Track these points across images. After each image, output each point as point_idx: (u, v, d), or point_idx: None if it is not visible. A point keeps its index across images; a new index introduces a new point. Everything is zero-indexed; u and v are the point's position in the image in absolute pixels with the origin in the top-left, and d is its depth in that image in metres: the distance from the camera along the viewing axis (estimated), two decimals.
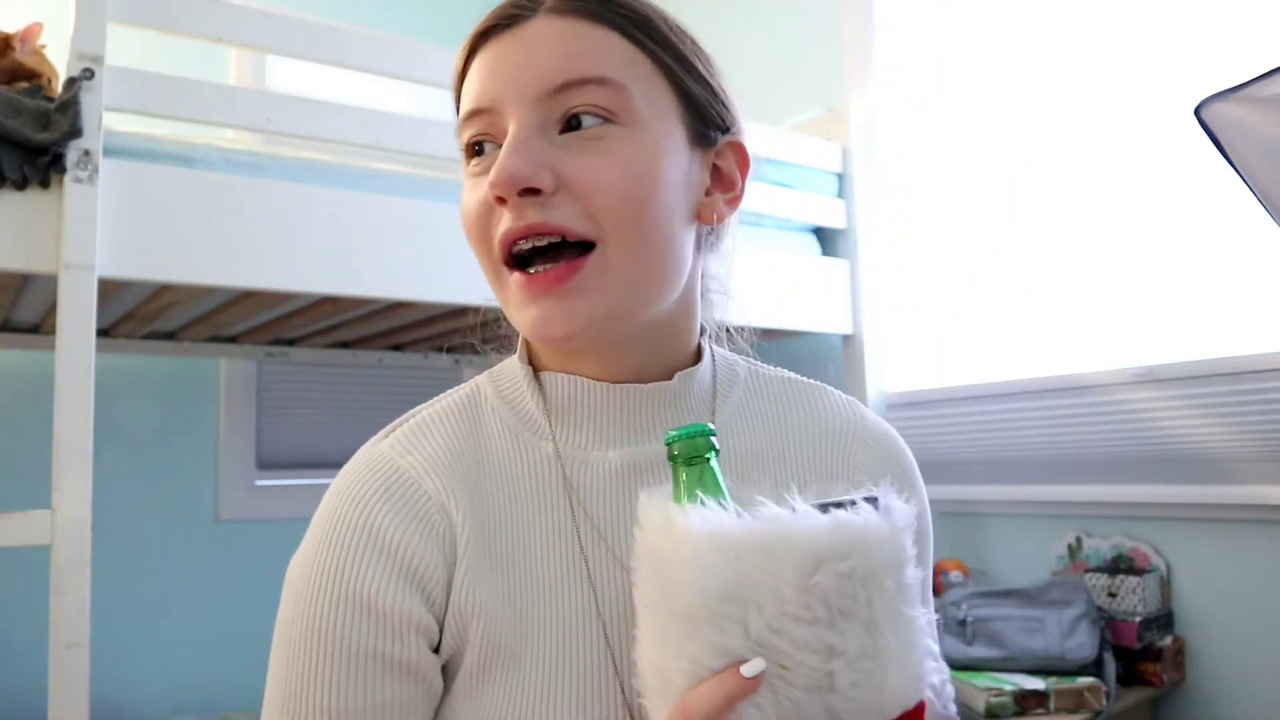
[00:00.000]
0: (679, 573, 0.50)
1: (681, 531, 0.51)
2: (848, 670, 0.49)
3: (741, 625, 0.49)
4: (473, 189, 0.62)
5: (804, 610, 0.48)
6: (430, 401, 0.69)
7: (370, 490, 0.62)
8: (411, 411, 0.68)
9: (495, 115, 0.61)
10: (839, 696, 0.49)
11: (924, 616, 0.53)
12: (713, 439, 0.55)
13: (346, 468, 0.65)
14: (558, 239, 0.59)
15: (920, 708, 0.52)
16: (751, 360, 0.75)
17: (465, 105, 0.63)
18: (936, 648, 0.71)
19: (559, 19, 0.61)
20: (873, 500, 0.53)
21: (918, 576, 0.53)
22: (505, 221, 0.59)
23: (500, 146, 0.60)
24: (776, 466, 0.68)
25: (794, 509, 0.51)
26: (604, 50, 0.61)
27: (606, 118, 0.59)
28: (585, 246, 0.59)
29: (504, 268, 0.61)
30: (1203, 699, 1.68)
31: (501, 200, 0.59)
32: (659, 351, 0.67)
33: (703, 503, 0.53)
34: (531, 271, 0.60)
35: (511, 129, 0.59)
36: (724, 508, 0.52)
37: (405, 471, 0.62)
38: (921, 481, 0.73)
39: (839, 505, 0.52)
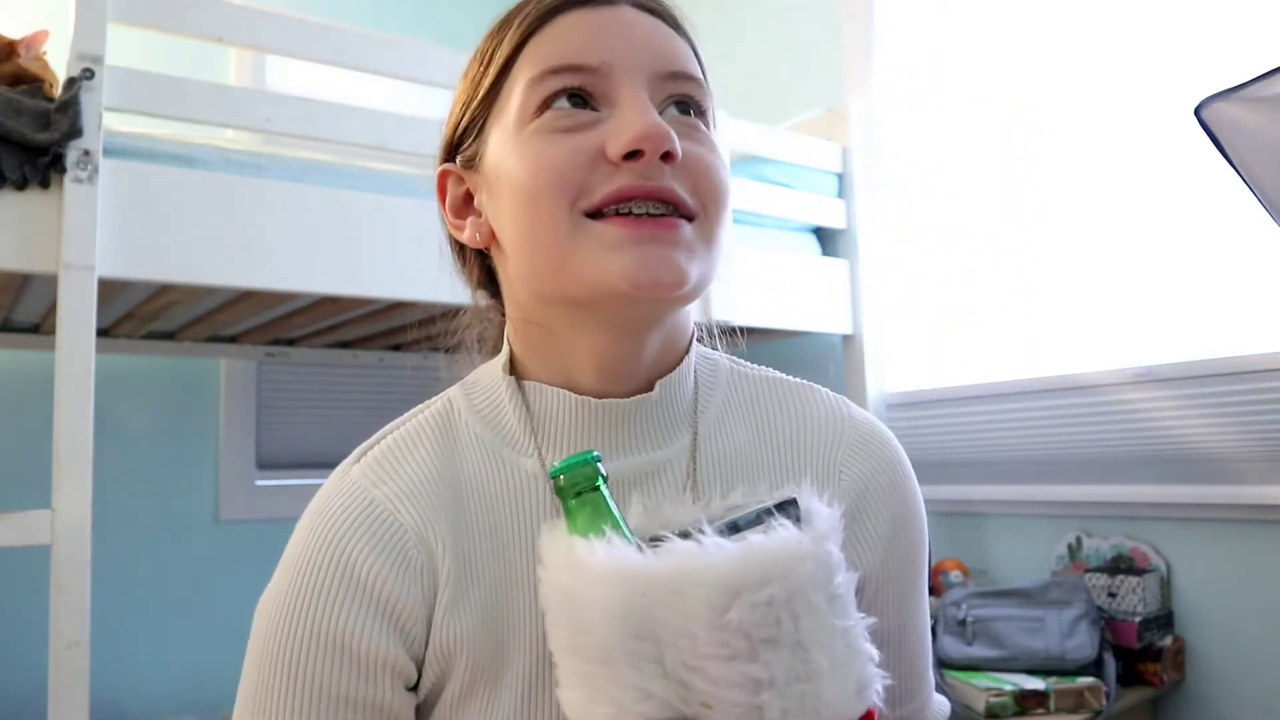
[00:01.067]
0: (587, 612, 0.48)
1: (586, 569, 0.49)
2: (778, 700, 0.46)
3: (658, 664, 0.47)
4: (563, 139, 0.58)
5: (720, 648, 0.46)
6: (401, 419, 0.67)
7: (344, 525, 0.60)
8: (382, 431, 0.66)
9: (599, 77, 0.59)
10: None
11: (861, 622, 0.50)
12: (599, 465, 0.53)
13: (318, 499, 0.63)
14: (671, 209, 0.58)
15: (869, 716, 0.49)
16: (735, 359, 0.73)
17: (559, 57, 0.60)
18: (934, 655, 0.69)
19: (648, 16, 0.63)
20: (792, 504, 0.50)
21: (850, 582, 0.51)
22: (625, 178, 0.57)
23: (593, 108, 0.59)
24: (761, 471, 0.66)
25: (700, 541, 0.48)
26: (692, 58, 0.64)
27: (700, 114, 0.63)
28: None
29: (584, 218, 0.57)
30: (1203, 699, 1.68)
31: (631, 156, 0.57)
32: (668, 344, 0.65)
33: (601, 536, 0.50)
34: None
35: (636, 95, 0.59)
36: (624, 538, 0.50)
37: (380, 503, 0.60)
38: (915, 483, 0.70)
39: (755, 520, 0.49)
